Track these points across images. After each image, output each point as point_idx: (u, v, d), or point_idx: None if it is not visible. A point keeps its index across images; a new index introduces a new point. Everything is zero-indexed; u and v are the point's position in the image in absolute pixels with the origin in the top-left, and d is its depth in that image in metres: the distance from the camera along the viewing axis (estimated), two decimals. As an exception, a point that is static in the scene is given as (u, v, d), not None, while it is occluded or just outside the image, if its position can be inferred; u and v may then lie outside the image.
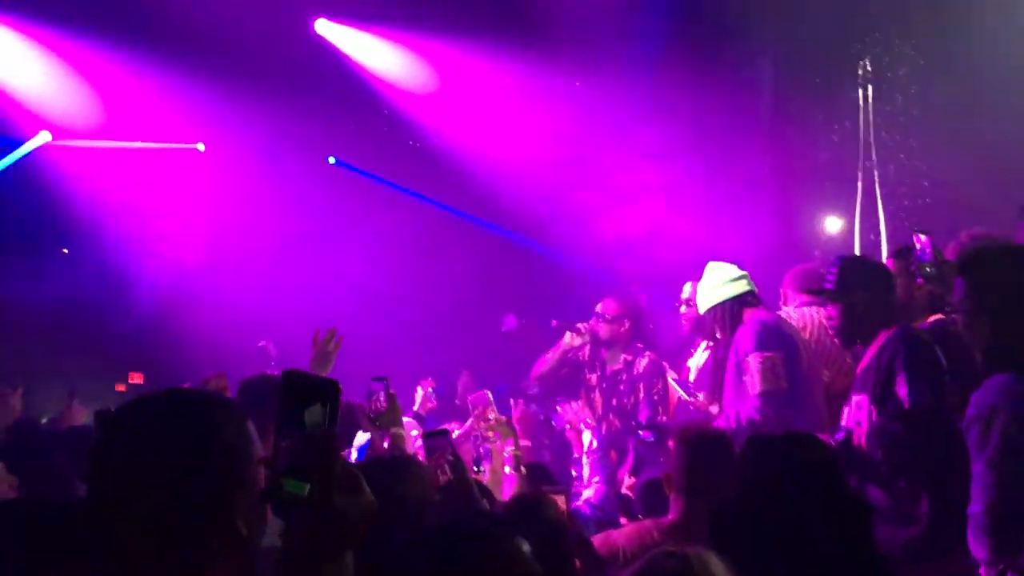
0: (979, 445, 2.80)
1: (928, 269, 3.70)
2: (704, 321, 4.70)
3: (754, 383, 4.16)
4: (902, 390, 3.43)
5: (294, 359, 6.85)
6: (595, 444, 4.44)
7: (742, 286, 4.52)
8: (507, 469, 3.68)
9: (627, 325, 5.67)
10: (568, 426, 4.67)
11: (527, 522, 2.44)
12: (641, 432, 4.59)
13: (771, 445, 2.20)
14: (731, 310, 4.47)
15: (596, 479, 4.35)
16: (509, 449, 3.71)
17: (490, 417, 3.84)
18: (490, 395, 5.14)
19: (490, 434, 3.83)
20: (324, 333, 3.78)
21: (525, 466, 3.86)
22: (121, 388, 7.07)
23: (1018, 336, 2.89)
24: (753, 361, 4.19)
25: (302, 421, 1.30)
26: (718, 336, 4.56)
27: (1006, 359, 2.89)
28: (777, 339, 4.23)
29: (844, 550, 2.00)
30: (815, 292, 4.06)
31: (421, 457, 2.90)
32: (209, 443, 1.39)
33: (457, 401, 6.16)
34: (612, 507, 4.31)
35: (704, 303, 4.60)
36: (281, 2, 7.86)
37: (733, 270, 4.58)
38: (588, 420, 4.60)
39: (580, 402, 5.05)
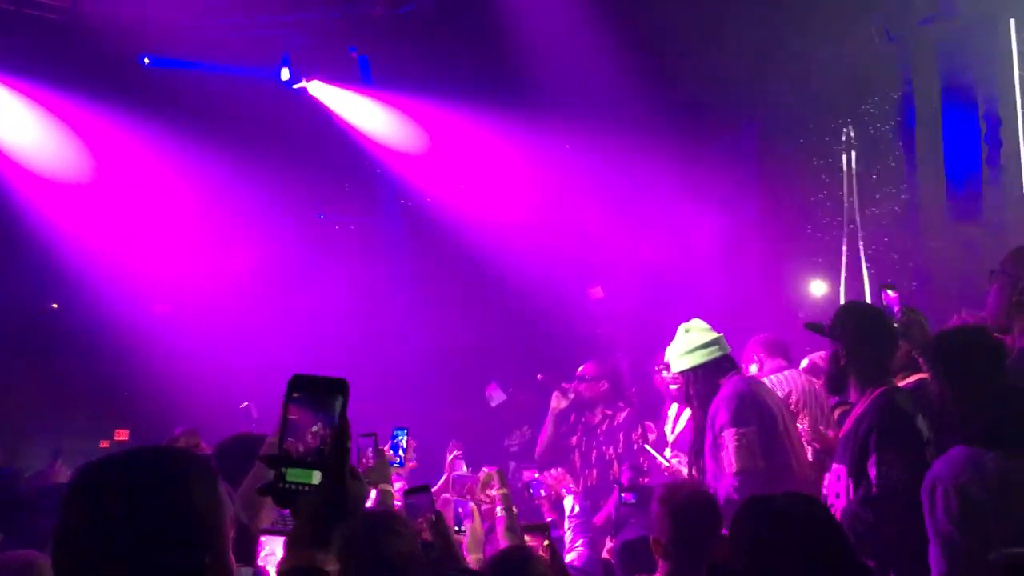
0: (929, 515, 2.91)
1: (895, 326, 3.68)
2: (679, 385, 4.63)
3: (730, 461, 4.07)
4: (872, 471, 3.38)
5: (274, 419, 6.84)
6: (577, 509, 4.40)
7: (715, 352, 4.36)
8: (498, 511, 3.64)
9: (605, 385, 5.78)
10: (542, 493, 4.65)
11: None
12: (623, 494, 4.49)
13: (770, 505, 2.17)
14: (704, 377, 4.33)
15: (579, 543, 4.32)
16: (499, 491, 3.67)
17: (493, 492, 3.78)
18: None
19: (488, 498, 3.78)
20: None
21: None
22: (105, 444, 7.01)
23: (972, 407, 3.03)
24: (728, 438, 4.09)
25: (327, 413, 1.40)
26: (689, 402, 4.46)
27: (957, 429, 3.04)
28: (752, 410, 4.13)
29: None
30: (815, 328, 3.89)
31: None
32: (179, 506, 1.39)
33: (445, 472, 6.13)
34: (596, 570, 4.27)
35: (676, 367, 4.46)
36: (274, 64, 7.99)
37: (705, 334, 4.42)
38: (570, 486, 4.57)
39: (560, 469, 5.04)
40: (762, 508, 2.17)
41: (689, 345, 4.40)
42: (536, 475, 5.06)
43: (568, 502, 4.48)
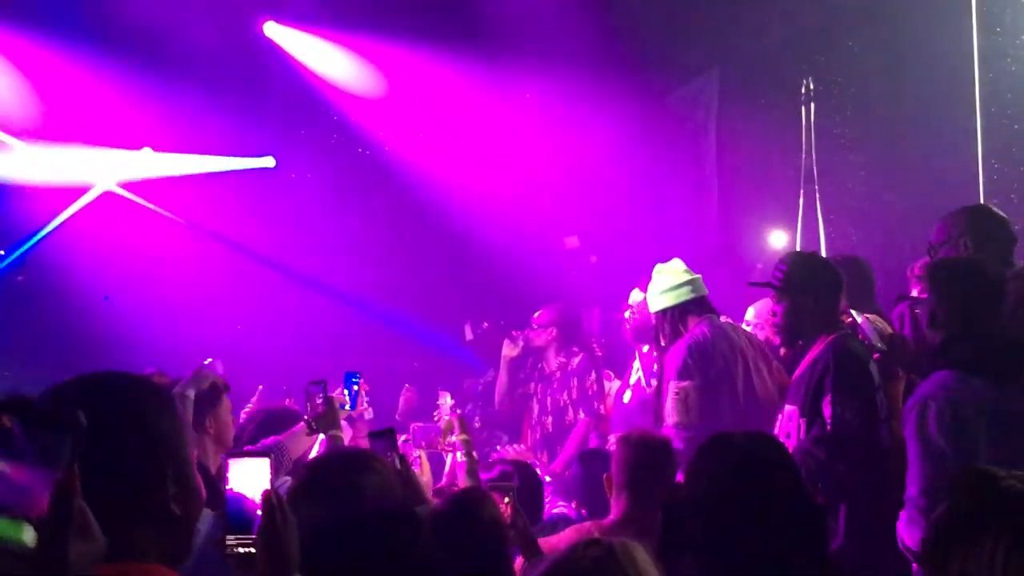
0: (917, 430, 2.98)
1: (879, 344, 3.65)
2: (647, 327, 4.67)
3: (671, 412, 4.12)
4: (827, 411, 3.46)
5: (242, 378, 6.78)
6: (547, 479, 4.41)
7: (685, 293, 4.32)
8: (458, 455, 3.66)
9: (555, 332, 5.80)
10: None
11: (464, 519, 2.47)
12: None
13: (727, 444, 2.22)
14: (672, 319, 4.30)
15: (560, 504, 4.37)
16: (459, 437, 3.69)
17: (453, 437, 3.79)
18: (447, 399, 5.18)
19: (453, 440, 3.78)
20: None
21: (512, 462, 3.88)
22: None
23: (965, 336, 3.10)
24: (671, 389, 4.13)
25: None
26: (663, 344, 4.39)
27: (950, 355, 3.08)
28: (699, 364, 4.11)
29: (802, 547, 2.04)
30: (762, 284, 3.91)
31: None
32: (139, 423, 1.42)
33: (397, 416, 6.15)
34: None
35: (650, 308, 4.48)
36: (230, 4, 7.75)
37: (677, 275, 4.37)
38: (533, 461, 4.58)
39: (523, 446, 5.06)
40: (719, 446, 2.22)
41: (659, 287, 4.40)
42: (499, 448, 5.11)
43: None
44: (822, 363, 3.54)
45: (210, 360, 6.30)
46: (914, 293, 4.03)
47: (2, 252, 8.32)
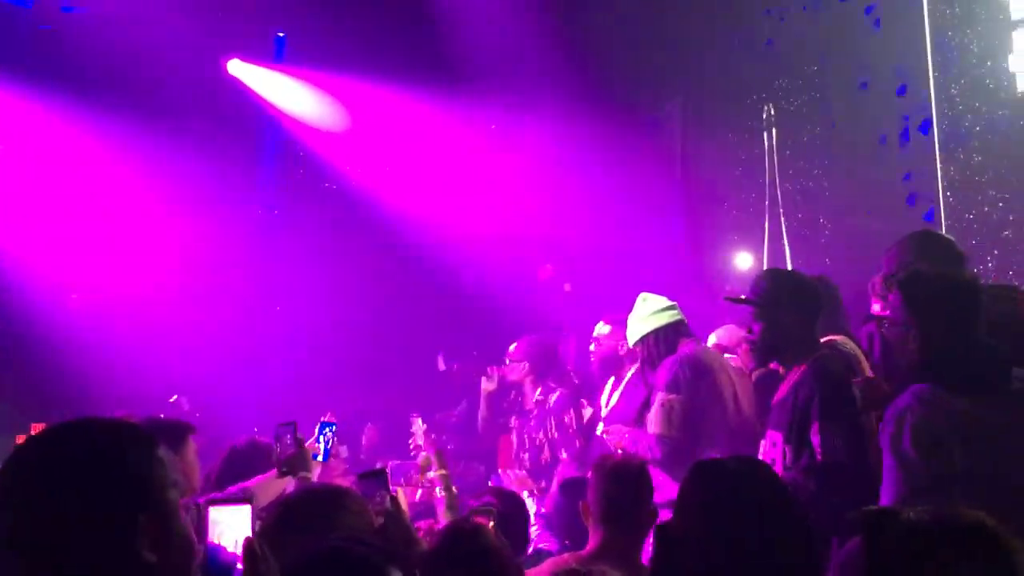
0: (892, 443, 2.89)
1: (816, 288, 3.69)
2: (635, 352, 4.68)
3: (654, 422, 4.17)
4: (816, 439, 3.39)
5: (209, 413, 6.70)
6: (542, 510, 4.36)
7: (674, 315, 4.49)
8: (438, 491, 3.63)
9: (527, 366, 5.78)
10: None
11: (462, 552, 2.44)
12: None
13: (717, 468, 2.20)
14: (665, 338, 4.42)
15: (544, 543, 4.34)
16: (438, 472, 3.65)
17: (431, 473, 3.75)
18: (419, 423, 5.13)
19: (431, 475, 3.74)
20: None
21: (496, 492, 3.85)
22: (22, 440, 6.74)
23: (943, 351, 2.99)
24: (657, 400, 4.20)
25: None
26: (649, 366, 4.48)
27: (927, 371, 2.98)
28: (688, 379, 4.18)
29: (799, 571, 2.02)
30: (739, 301, 3.84)
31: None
32: (111, 470, 1.37)
33: (362, 456, 6.11)
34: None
35: (636, 333, 4.53)
36: (194, 42, 7.74)
37: (664, 300, 4.56)
38: (532, 489, 4.56)
39: (523, 472, 5.03)
40: (710, 470, 2.20)
41: (651, 309, 4.51)
42: (499, 472, 5.05)
43: (530, 504, 4.48)
44: (806, 388, 3.48)
45: (175, 397, 6.25)
46: (876, 308, 4.05)
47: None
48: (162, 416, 3.58)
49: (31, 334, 7.82)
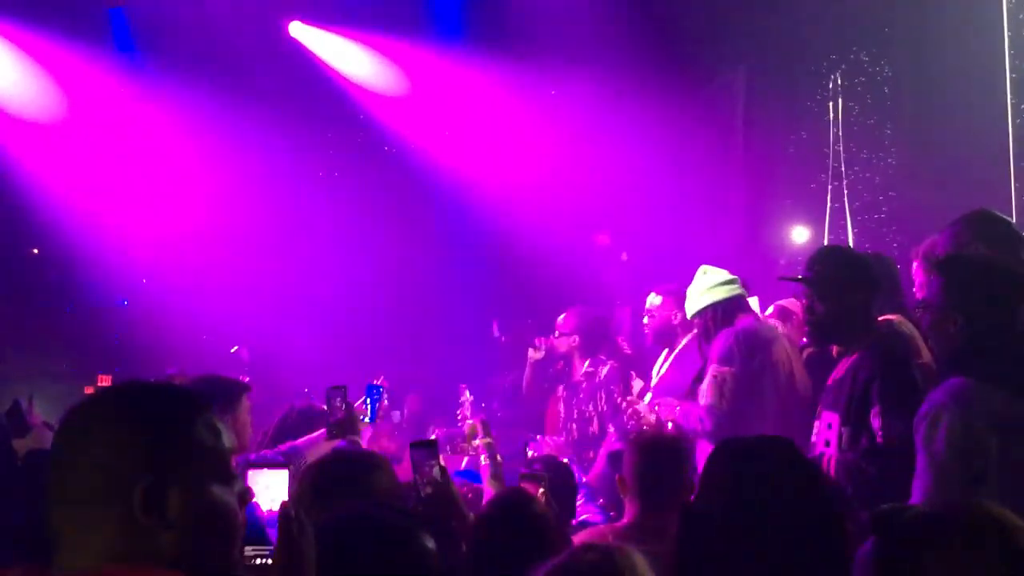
0: (925, 442, 2.79)
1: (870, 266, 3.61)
2: (689, 323, 4.65)
3: (706, 393, 4.15)
4: (876, 422, 3.31)
5: (268, 365, 6.85)
6: (583, 479, 4.36)
7: (735, 289, 4.43)
8: (483, 459, 3.66)
9: (577, 340, 5.72)
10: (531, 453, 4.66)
11: (514, 520, 2.46)
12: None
13: (742, 446, 2.16)
14: (724, 312, 4.37)
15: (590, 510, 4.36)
16: (483, 440, 3.68)
17: (477, 443, 3.78)
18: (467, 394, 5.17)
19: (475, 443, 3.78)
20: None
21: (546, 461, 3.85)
22: (90, 391, 6.99)
23: (985, 341, 2.85)
24: (710, 371, 4.18)
25: None
26: (706, 340, 4.41)
27: (968, 363, 2.85)
28: (742, 352, 4.14)
29: (823, 555, 2.00)
30: (796, 280, 3.71)
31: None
32: (137, 437, 1.37)
33: (404, 425, 6.18)
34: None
35: (695, 305, 4.48)
36: (255, 4, 7.81)
37: (725, 274, 4.49)
38: (569, 458, 4.56)
39: (561, 440, 5.03)
40: (734, 448, 2.17)
41: (711, 282, 4.46)
42: (537, 438, 5.07)
43: None
44: (866, 370, 3.37)
45: (236, 348, 6.41)
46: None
47: (36, 251, 8.46)
48: (217, 376, 3.65)
49: (100, 289, 8.08)
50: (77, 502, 1.36)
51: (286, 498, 1.66)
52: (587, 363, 5.69)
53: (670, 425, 4.44)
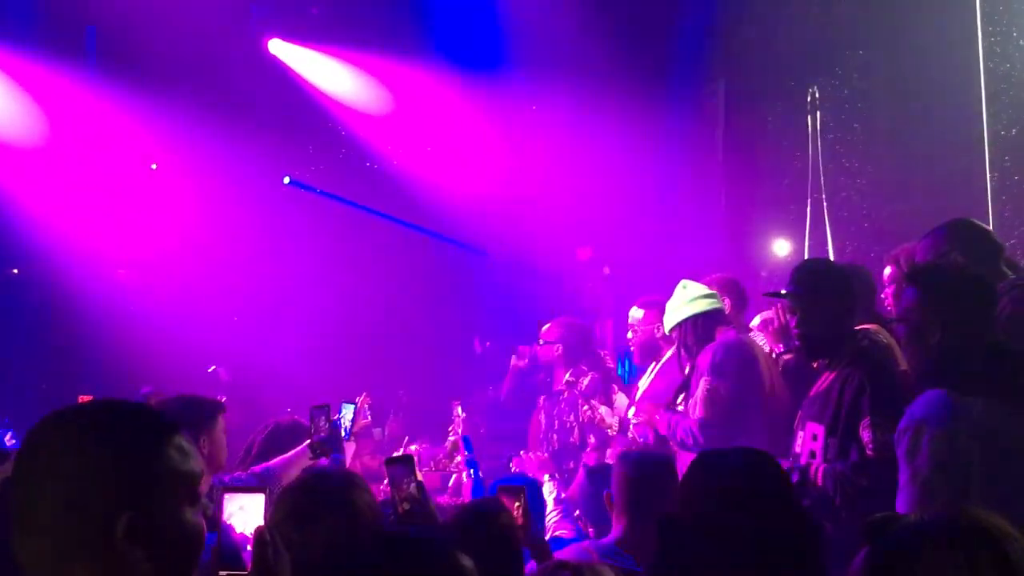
0: (908, 456, 2.79)
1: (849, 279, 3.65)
2: (670, 339, 4.66)
3: (697, 407, 4.17)
4: (866, 434, 3.31)
5: (249, 384, 6.80)
6: (562, 496, 4.35)
7: (714, 303, 4.47)
8: (464, 476, 3.65)
9: (560, 349, 5.76)
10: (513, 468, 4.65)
11: (479, 528, 2.46)
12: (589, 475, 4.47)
13: (720, 458, 2.15)
14: (703, 325, 4.41)
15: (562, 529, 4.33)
16: (465, 456, 3.66)
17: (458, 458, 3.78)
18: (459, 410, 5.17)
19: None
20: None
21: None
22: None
23: (961, 351, 2.86)
24: (702, 385, 4.19)
25: None
26: (686, 352, 4.46)
27: (945, 374, 2.86)
28: (734, 366, 4.17)
29: (799, 569, 2.00)
30: (778, 295, 3.76)
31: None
32: (100, 463, 1.36)
33: (385, 444, 6.15)
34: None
35: (673, 319, 4.51)
36: (235, 22, 7.81)
37: (704, 288, 4.55)
38: (553, 472, 4.55)
39: (544, 455, 5.03)
40: (712, 461, 2.16)
41: (690, 296, 4.49)
42: (520, 454, 5.06)
43: (547, 488, 4.48)
44: (855, 381, 3.39)
45: (214, 367, 6.36)
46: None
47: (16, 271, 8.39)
48: (192, 395, 3.62)
49: (80, 308, 8.01)
50: (48, 533, 1.34)
51: (261, 522, 1.64)
52: (568, 373, 5.71)
53: (651, 435, 4.45)
